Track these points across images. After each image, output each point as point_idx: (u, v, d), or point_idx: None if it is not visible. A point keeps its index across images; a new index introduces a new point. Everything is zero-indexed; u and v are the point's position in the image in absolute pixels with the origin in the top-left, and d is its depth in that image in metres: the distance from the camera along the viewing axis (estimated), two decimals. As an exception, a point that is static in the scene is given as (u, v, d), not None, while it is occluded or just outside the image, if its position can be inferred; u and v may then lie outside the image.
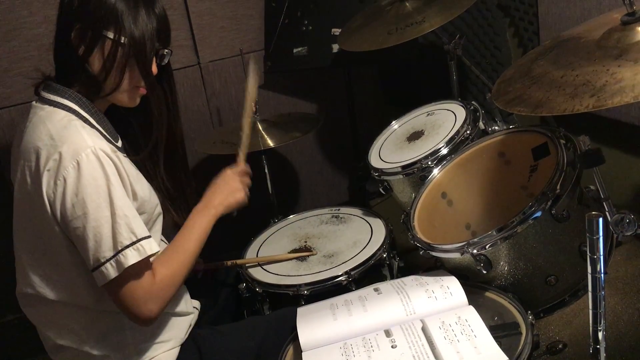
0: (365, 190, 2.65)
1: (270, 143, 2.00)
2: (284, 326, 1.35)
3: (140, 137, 1.42)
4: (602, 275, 0.91)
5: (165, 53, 1.34)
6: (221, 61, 2.44)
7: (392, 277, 1.65)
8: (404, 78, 2.62)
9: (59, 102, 1.24)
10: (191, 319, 1.45)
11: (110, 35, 1.23)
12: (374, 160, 1.77)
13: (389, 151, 1.78)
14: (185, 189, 1.50)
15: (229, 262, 1.69)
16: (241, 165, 1.58)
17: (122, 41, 1.24)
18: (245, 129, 1.63)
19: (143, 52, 1.26)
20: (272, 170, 2.15)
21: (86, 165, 1.15)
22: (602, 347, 0.95)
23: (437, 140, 1.65)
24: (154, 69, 1.31)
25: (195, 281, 1.66)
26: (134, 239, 1.18)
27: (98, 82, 1.26)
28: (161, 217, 1.40)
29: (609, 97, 0.91)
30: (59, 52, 1.29)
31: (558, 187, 1.21)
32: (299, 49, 2.39)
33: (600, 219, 0.87)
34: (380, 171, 1.71)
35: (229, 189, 1.48)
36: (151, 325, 1.32)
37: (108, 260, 1.16)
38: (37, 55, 2.07)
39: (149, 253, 1.19)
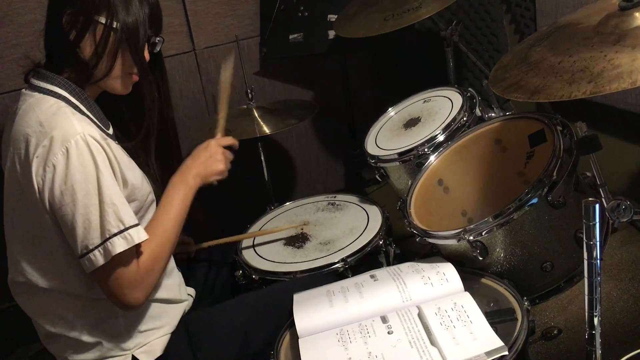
0: (362, 178, 2.65)
1: (266, 130, 1.99)
2: (274, 299, 1.35)
3: (131, 124, 1.41)
4: (599, 261, 0.91)
5: (157, 40, 1.33)
6: (216, 47, 2.42)
7: (389, 264, 1.65)
8: (400, 64, 2.61)
9: (48, 89, 1.23)
10: (185, 305, 1.45)
11: (102, 20, 1.22)
12: (371, 147, 1.77)
13: (386, 138, 1.78)
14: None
15: (222, 240, 1.68)
16: (221, 137, 1.54)
17: (114, 26, 1.23)
18: (222, 100, 1.61)
19: (136, 38, 1.25)
20: (268, 157, 2.15)
21: (75, 152, 1.14)
22: (597, 332, 0.96)
23: (433, 127, 1.65)
24: (146, 55, 1.30)
25: (190, 266, 1.66)
26: (122, 228, 1.17)
27: (89, 68, 1.25)
28: (154, 205, 1.39)
29: (607, 83, 0.90)
30: (50, 38, 1.28)
31: (554, 173, 1.21)
32: (295, 35, 2.37)
33: (597, 205, 0.88)
34: (377, 158, 1.70)
35: (209, 159, 1.43)
36: (144, 312, 1.32)
37: (96, 248, 1.15)
38: (30, 42, 2.05)
39: (137, 241, 1.19)
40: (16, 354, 2.18)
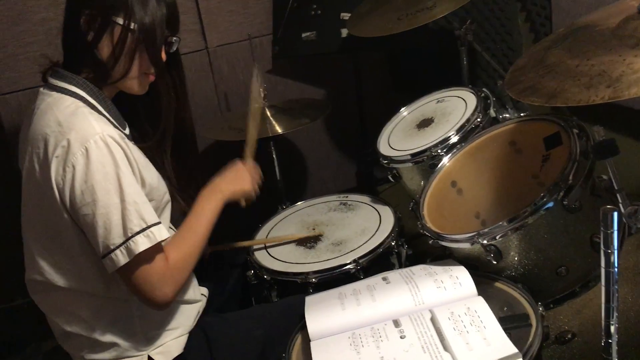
0: (373, 177, 2.64)
1: (278, 129, 1.99)
2: (291, 314, 1.35)
3: (148, 125, 1.41)
4: (616, 269, 0.90)
5: (174, 40, 1.33)
6: (229, 46, 2.41)
7: (401, 265, 1.65)
8: (413, 64, 2.59)
9: (66, 89, 1.23)
10: (199, 306, 1.45)
11: (120, 21, 1.22)
12: (383, 148, 1.76)
13: (398, 138, 1.76)
14: (194, 177, 1.49)
15: (237, 244, 1.68)
16: (249, 161, 1.59)
17: (131, 27, 1.23)
18: (251, 130, 1.64)
19: (153, 39, 1.25)
20: (280, 156, 2.14)
21: (95, 151, 1.14)
22: (614, 341, 0.94)
23: (447, 128, 1.63)
24: (163, 55, 1.30)
25: (203, 266, 1.66)
26: (144, 226, 1.17)
27: (107, 69, 1.25)
28: (169, 205, 1.39)
29: (626, 88, 0.89)
30: (68, 38, 1.28)
31: (571, 177, 1.19)
32: (308, 33, 2.36)
33: (615, 213, 0.86)
34: (390, 159, 1.69)
35: (237, 177, 1.48)
36: (160, 313, 1.32)
37: (118, 247, 1.15)
38: (45, 39, 2.06)
39: (159, 239, 1.19)
40: (29, 350, 2.19)
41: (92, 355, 1.30)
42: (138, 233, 1.16)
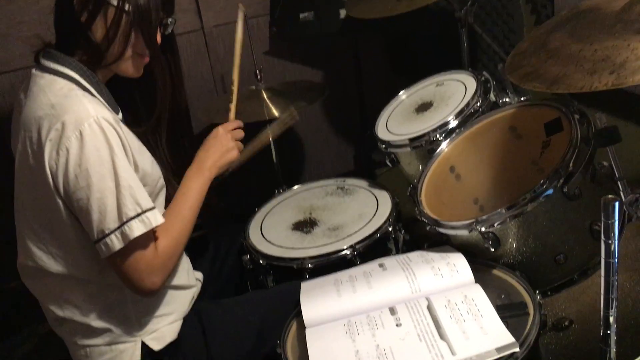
0: (372, 160, 2.62)
1: (275, 113, 1.96)
2: (287, 300, 1.34)
3: (142, 109, 1.39)
4: (616, 260, 0.88)
5: (169, 22, 1.30)
6: (225, 26, 2.37)
7: (398, 251, 1.63)
8: (413, 46, 2.55)
9: (59, 71, 1.21)
10: (194, 291, 1.44)
11: (114, 2, 1.20)
12: (381, 132, 1.74)
13: (397, 122, 1.74)
14: (189, 160, 1.47)
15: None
16: (232, 120, 1.56)
17: (126, 9, 1.20)
18: (235, 82, 1.61)
19: (148, 21, 1.23)
20: (277, 139, 2.11)
21: (89, 135, 1.12)
22: (612, 332, 0.93)
23: (446, 112, 1.61)
24: (158, 38, 1.27)
25: (198, 248, 1.65)
26: (139, 211, 1.16)
27: (100, 51, 1.23)
28: (164, 191, 1.38)
29: (630, 74, 0.86)
30: (60, 19, 1.25)
31: (571, 164, 1.17)
32: (306, 14, 2.31)
33: (617, 203, 0.84)
34: (388, 143, 1.67)
35: (221, 149, 1.45)
36: (154, 298, 1.31)
37: (112, 232, 1.14)
38: (37, 19, 2.01)
39: (154, 225, 1.18)
40: (26, 332, 2.19)
41: (86, 341, 1.29)
42: (133, 218, 1.15)
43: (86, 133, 1.12)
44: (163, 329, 1.33)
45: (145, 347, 1.31)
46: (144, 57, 1.28)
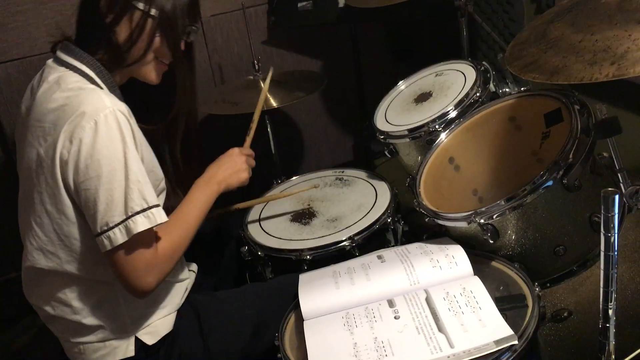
0: (371, 150, 2.61)
1: (274, 103, 1.95)
2: (285, 293, 1.33)
3: (155, 114, 1.38)
4: (616, 253, 0.88)
5: (193, 29, 1.30)
6: (223, 15, 2.35)
7: (397, 242, 1.63)
8: (412, 36, 2.54)
9: (74, 66, 1.21)
10: (187, 283, 1.42)
11: (141, 6, 1.21)
12: (380, 123, 1.72)
13: (396, 113, 1.73)
14: (196, 169, 1.46)
15: (231, 208, 1.66)
16: (247, 147, 1.58)
17: (152, 14, 1.21)
18: (255, 121, 1.65)
19: (173, 27, 1.24)
20: (276, 130, 2.10)
21: (104, 126, 1.12)
22: (611, 324, 0.93)
23: (445, 103, 1.60)
24: (182, 45, 1.28)
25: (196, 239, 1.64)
26: (145, 206, 1.15)
27: (121, 51, 1.23)
28: (164, 195, 1.37)
29: (631, 65, 0.85)
30: (85, 17, 1.26)
31: (571, 155, 1.16)
32: (304, 3, 2.30)
33: (617, 197, 0.83)
34: (386, 134, 1.66)
35: (234, 168, 1.46)
36: None
37: (117, 225, 1.13)
38: (33, 9, 1.99)
39: (159, 222, 1.17)
40: (24, 323, 2.19)
41: (78, 339, 1.28)
42: (138, 213, 1.14)
43: (101, 124, 1.11)
44: (156, 323, 1.32)
45: (139, 342, 1.30)
46: (165, 63, 1.29)
